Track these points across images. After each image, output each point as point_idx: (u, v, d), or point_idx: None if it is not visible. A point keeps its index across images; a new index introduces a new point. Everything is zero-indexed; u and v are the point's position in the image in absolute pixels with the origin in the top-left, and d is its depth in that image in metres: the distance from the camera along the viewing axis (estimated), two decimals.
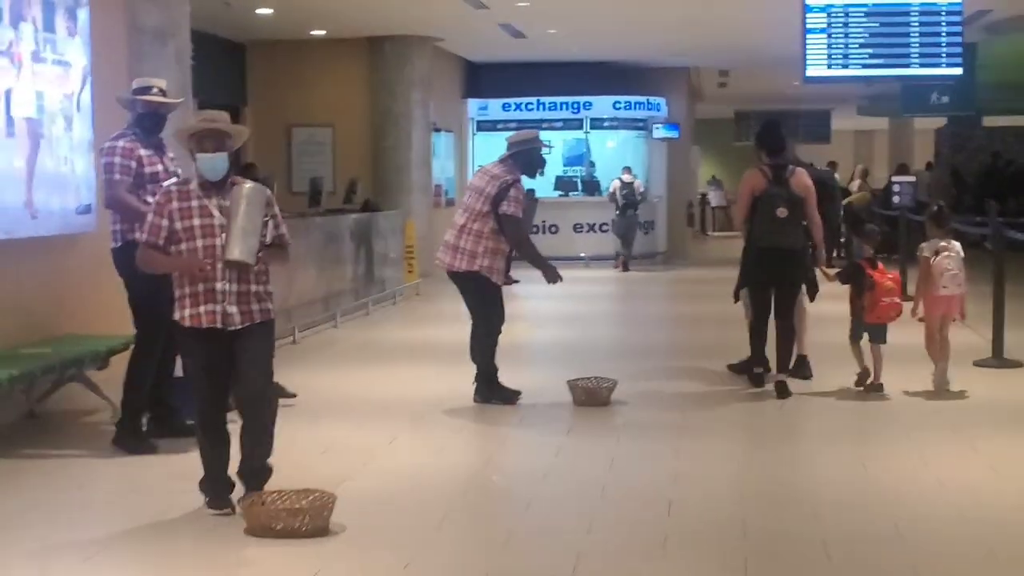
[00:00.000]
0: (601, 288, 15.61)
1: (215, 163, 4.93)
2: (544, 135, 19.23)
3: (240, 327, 4.87)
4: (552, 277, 7.25)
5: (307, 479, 5.11)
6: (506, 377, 7.54)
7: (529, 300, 13.45)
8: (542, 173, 7.61)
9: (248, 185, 4.92)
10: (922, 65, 9.46)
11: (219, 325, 4.85)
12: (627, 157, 19.21)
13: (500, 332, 7.32)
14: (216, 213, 4.89)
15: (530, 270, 7.88)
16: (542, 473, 5.68)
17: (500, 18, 14.15)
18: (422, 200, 15.89)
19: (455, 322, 10.57)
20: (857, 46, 9.57)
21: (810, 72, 9.64)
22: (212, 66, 14.81)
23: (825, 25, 9.69)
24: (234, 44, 15.45)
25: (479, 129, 19.24)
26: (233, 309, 4.87)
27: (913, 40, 9.64)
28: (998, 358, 8.68)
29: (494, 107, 18.98)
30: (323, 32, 14.99)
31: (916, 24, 9.64)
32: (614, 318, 13.02)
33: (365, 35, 15.37)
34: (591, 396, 7.17)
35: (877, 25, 9.66)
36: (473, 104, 18.96)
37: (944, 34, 9.69)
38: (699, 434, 6.58)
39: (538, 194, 18.96)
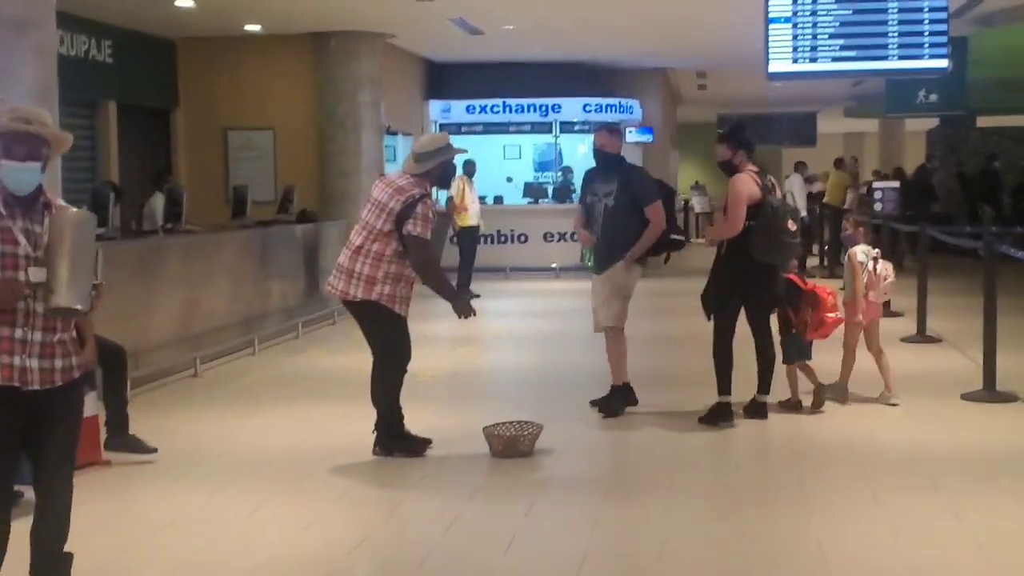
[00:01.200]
0: (570, 302, 14.40)
1: (24, 175, 3.80)
2: (512, 139, 18.38)
3: (40, 388, 3.76)
4: (463, 310, 6.12)
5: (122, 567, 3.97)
6: (428, 418, 6.53)
7: (486, 318, 12.33)
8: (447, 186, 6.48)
9: (74, 211, 3.82)
10: (902, 57, 8.33)
11: (16, 383, 3.74)
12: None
13: (405, 371, 6.20)
14: (21, 240, 3.77)
15: (499, 278, 6.76)
16: (421, 558, 4.54)
17: (449, 12, 13.04)
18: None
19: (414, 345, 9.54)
20: (827, 36, 8.45)
21: (773, 67, 8.54)
22: (138, 65, 13.72)
23: (790, 14, 8.56)
24: (163, 41, 14.31)
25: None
26: (34, 364, 3.76)
27: (892, 29, 8.49)
28: (989, 390, 7.56)
29: (457, 109, 17.87)
30: (258, 27, 13.86)
31: (895, 11, 8.46)
32: (575, 338, 11.43)
33: (308, 31, 14.24)
34: (510, 446, 6.05)
35: (850, 13, 8.52)
36: (435, 106, 17.85)
37: (927, 22, 8.55)
38: (628, 496, 5.46)
39: (507, 201, 17.95)
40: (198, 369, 8.77)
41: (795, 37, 8.45)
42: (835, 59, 8.42)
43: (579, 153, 18.90)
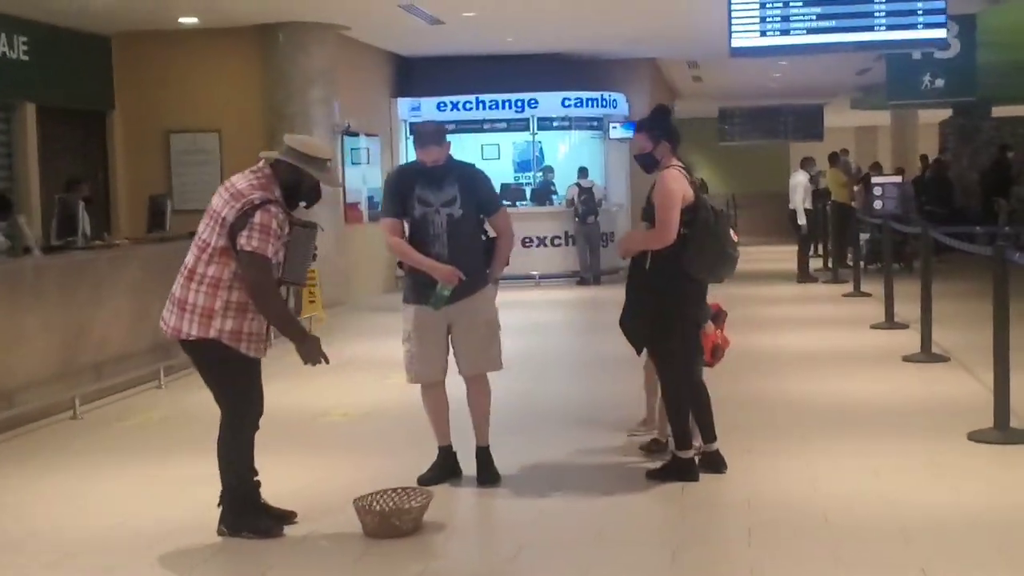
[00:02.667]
0: (548, 315, 13.21)
1: None
2: (490, 138, 17.10)
3: None
4: (309, 355, 4.78)
5: None
6: (315, 475, 5.48)
7: None
8: (306, 204, 5.01)
9: None
10: (891, 27, 7.04)
11: None
12: (582, 160, 16.86)
13: (256, 428, 4.93)
14: None
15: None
16: None
17: None
18: (328, 216, 13.47)
19: (340, 373, 8.29)
20: (800, 4, 7.16)
21: (737, 41, 7.24)
22: (65, 64, 12.54)
23: None
24: (95, 37, 13.11)
25: (412, 132, 16.85)
26: None
27: None
28: (1001, 429, 6.26)
29: (427, 107, 16.61)
30: (194, 20, 12.64)
31: None
32: (546, 361, 9.87)
33: (253, 22, 13.03)
34: (386, 523, 4.78)
35: None
36: (403, 104, 16.59)
37: None
38: None
39: None
40: (77, 410, 7.55)
41: (763, 6, 7.15)
42: (811, 31, 7.11)
43: (560, 152, 17.66)
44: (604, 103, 17.01)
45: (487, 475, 5.63)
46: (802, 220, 15.77)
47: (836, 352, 9.54)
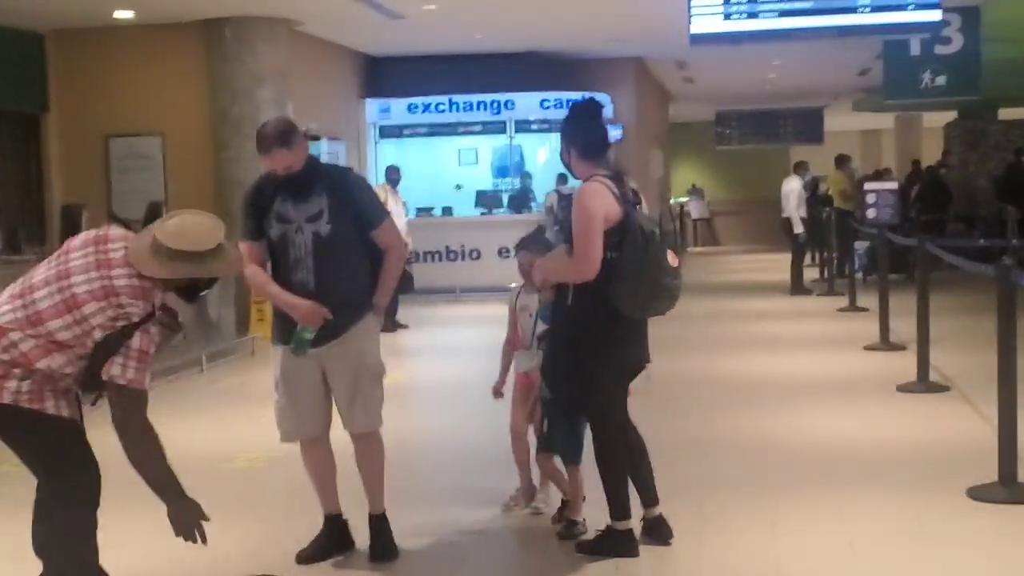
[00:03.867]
0: None
1: None
2: (468, 142, 16.09)
3: None
4: (182, 524, 3.68)
5: None
6: (184, 550, 4.45)
7: (411, 360, 10.17)
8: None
9: None
10: (876, 9, 6.02)
11: None
12: (560, 167, 15.83)
13: (95, 505, 3.82)
14: None
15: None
16: None
17: None
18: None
19: (263, 403, 7.27)
20: None
21: (697, 27, 6.22)
22: (2, 63, 11.62)
23: None
24: (30, 35, 12.14)
25: (382, 135, 15.91)
26: None
27: None
28: (1006, 484, 5.25)
29: (398, 109, 15.63)
30: (130, 14, 11.66)
31: None
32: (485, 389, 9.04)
33: (197, 17, 12.05)
34: None
35: None
36: (372, 105, 15.61)
37: None
38: None
39: (457, 212, 15.73)
40: None
41: None
42: (784, 14, 6.08)
43: (540, 156, 16.67)
44: None
45: (381, 549, 4.64)
46: (799, 228, 14.79)
47: (823, 380, 8.53)
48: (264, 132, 4.42)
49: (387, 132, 15.87)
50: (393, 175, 12.31)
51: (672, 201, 25.82)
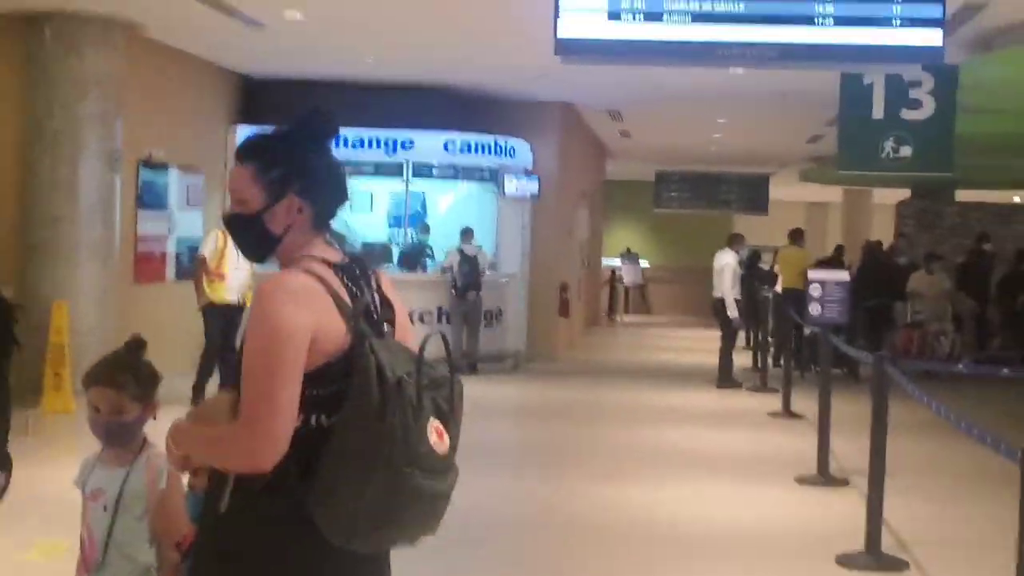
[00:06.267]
0: None
1: None
2: (357, 183, 13.91)
3: None
4: None
5: None
6: None
7: None
8: None
9: None
10: (842, 22, 3.80)
11: None
12: (469, 218, 13.72)
13: None
14: None
15: None
16: None
17: None
18: (96, 270, 10.19)
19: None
20: None
21: (568, 29, 3.93)
22: None
23: None
24: None
25: None
26: None
27: None
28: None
29: None
30: None
31: None
32: None
33: (12, 10, 9.79)
34: None
35: None
36: (244, 133, 13.27)
37: None
38: None
39: None
40: None
41: None
42: (698, 18, 3.85)
43: (443, 206, 14.50)
44: (499, 150, 13.87)
45: None
46: (732, 312, 12.74)
47: (736, 542, 6.33)
48: None
49: None
50: None
51: (603, 263, 23.81)
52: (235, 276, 9.71)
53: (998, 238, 18.17)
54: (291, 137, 2.43)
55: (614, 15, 3.85)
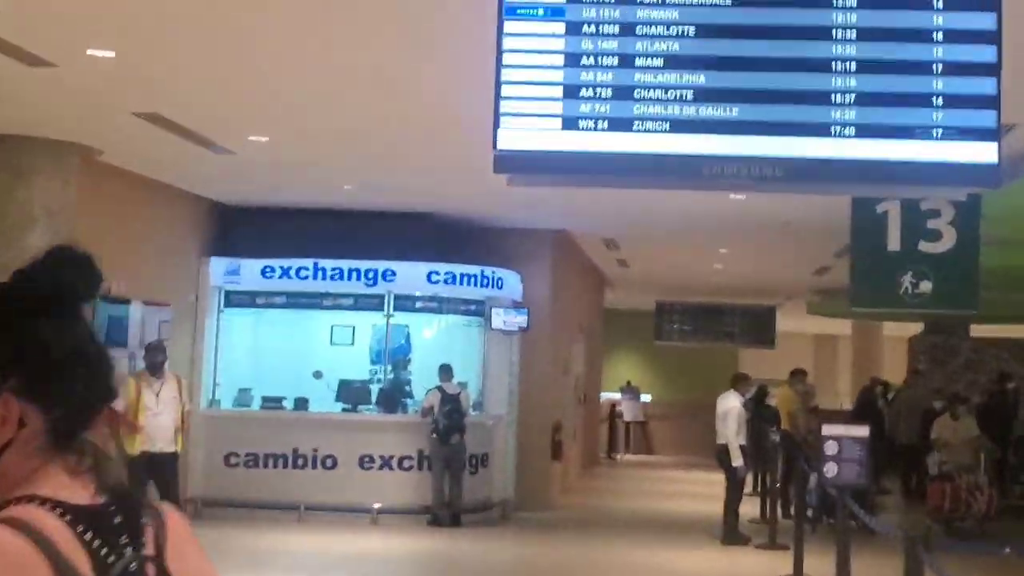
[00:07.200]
0: None
1: None
2: (343, 318, 13.03)
3: None
4: None
5: None
6: None
7: None
8: None
9: None
10: (867, 132, 2.87)
11: None
12: (452, 354, 12.81)
13: None
14: None
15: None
16: None
17: (136, 105, 7.90)
18: None
19: None
20: (662, 60, 2.92)
21: (509, 140, 2.99)
22: None
23: (561, 1, 3.02)
24: None
25: (229, 303, 12.79)
26: None
27: (846, 56, 3.07)
28: None
29: (250, 271, 12.56)
30: None
31: (850, 15, 3.22)
32: None
33: None
34: None
35: (734, 9, 3.08)
36: (218, 265, 12.55)
37: (942, 41, 3.20)
38: None
39: (314, 406, 12.57)
40: None
41: (574, 61, 2.98)
42: (679, 127, 2.91)
43: (424, 339, 13.60)
44: (486, 281, 13.05)
45: None
46: (737, 460, 11.72)
47: None
48: None
49: (236, 300, 12.78)
50: (154, 356, 9.32)
51: (603, 397, 22.82)
52: (156, 423, 8.99)
53: (1015, 376, 17.25)
54: (9, 302, 1.52)
55: (570, 123, 3.00)
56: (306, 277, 12.56)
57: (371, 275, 12.54)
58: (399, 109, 7.81)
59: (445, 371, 12.20)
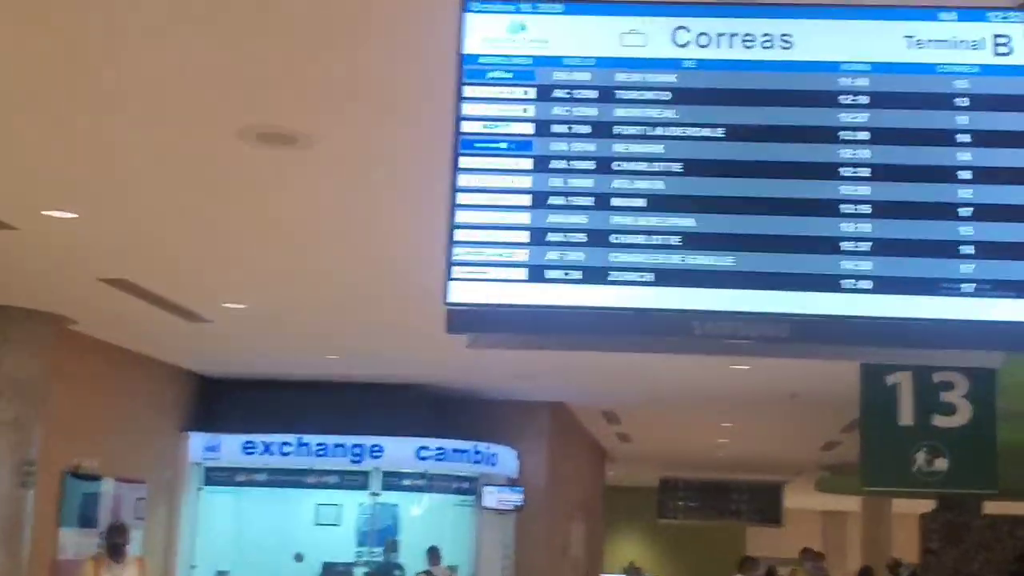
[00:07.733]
0: None
1: None
2: (324, 496, 12.41)
3: None
4: None
5: None
6: None
7: None
8: None
9: None
10: (885, 287, 2.38)
11: None
12: (441, 535, 12.11)
13: None
14: None
15: None
16: None
17: (98, 268, 7.52)
18: None
19: None
20: (644, 199, 2.42)
21: (462, 294, 2.57)
22: None
23: (528, 133, 2.54)
24: None
25: (209, 481, 12.19)
26: None
27: (855, 194, 2.51)
28: None
29: (230, 447, 12.02)
30: None
31: (855, 143, 2.64)
32: None
33: None
34: None
35: (724, 137, 2.50)
36: (197, 441, 12.00)
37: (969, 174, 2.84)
38: None
39: None
40: None
41: (541, 202, 2.48)
42: (669, 277, 2.40)
43: (412, 518, 12.90)
44: (479, 457, 12.46)
45: None
46: None
47: None
48: None
49: (216, 477, 12.18)
50: (116, 537, 8.70)
51: None
52: None
53: None
54: None
55: (536, 273, 2.56)
56: (289, 453, 11.99)
57: (358, 451, 11.98)
58: (379, 276, 7.44)
59: (433, 554, 11.49)
